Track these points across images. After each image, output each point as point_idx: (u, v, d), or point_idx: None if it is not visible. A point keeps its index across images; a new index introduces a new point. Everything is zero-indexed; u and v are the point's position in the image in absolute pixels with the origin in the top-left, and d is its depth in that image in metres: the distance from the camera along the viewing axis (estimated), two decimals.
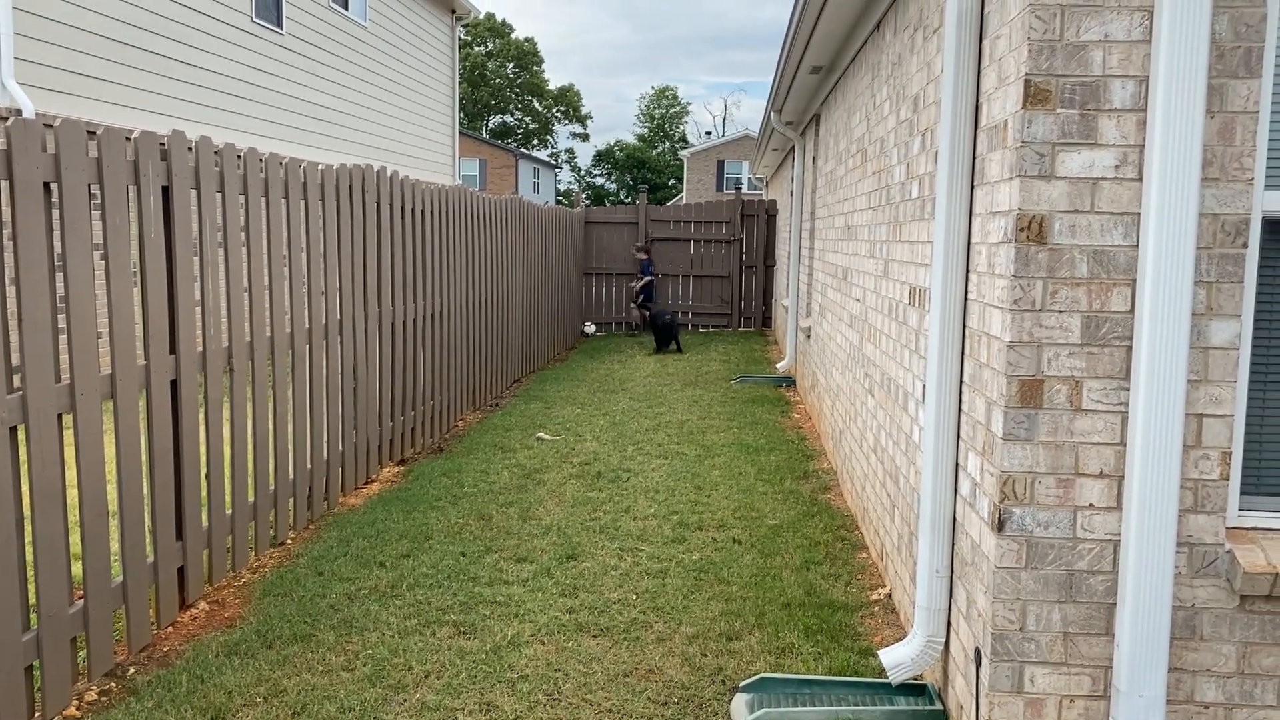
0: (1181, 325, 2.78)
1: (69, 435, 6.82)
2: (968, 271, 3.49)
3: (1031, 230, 2.93)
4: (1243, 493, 3.08)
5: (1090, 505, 3.00)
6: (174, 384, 4.54)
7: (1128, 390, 2.94)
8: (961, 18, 3.38)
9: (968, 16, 3.38)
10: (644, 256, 17.36)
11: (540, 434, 8.76)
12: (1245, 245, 2.89)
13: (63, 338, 3.78)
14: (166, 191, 4.47)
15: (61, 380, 3.77)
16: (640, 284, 17.27)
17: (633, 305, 17.44)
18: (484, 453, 7.98)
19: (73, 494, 5.59)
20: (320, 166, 6.08)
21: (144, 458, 4.39)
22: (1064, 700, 3.08)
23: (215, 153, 4.86)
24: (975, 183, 3.42)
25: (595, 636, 4.38)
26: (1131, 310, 2.92)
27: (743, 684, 3.85)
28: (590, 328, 16.71)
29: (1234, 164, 2.87)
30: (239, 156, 5.10)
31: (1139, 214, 2.88)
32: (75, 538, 4.96)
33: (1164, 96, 2.73)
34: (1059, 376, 2.97)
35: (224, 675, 3.96)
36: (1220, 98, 2.85)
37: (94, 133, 4.04)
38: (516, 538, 5.76)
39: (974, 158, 3.43)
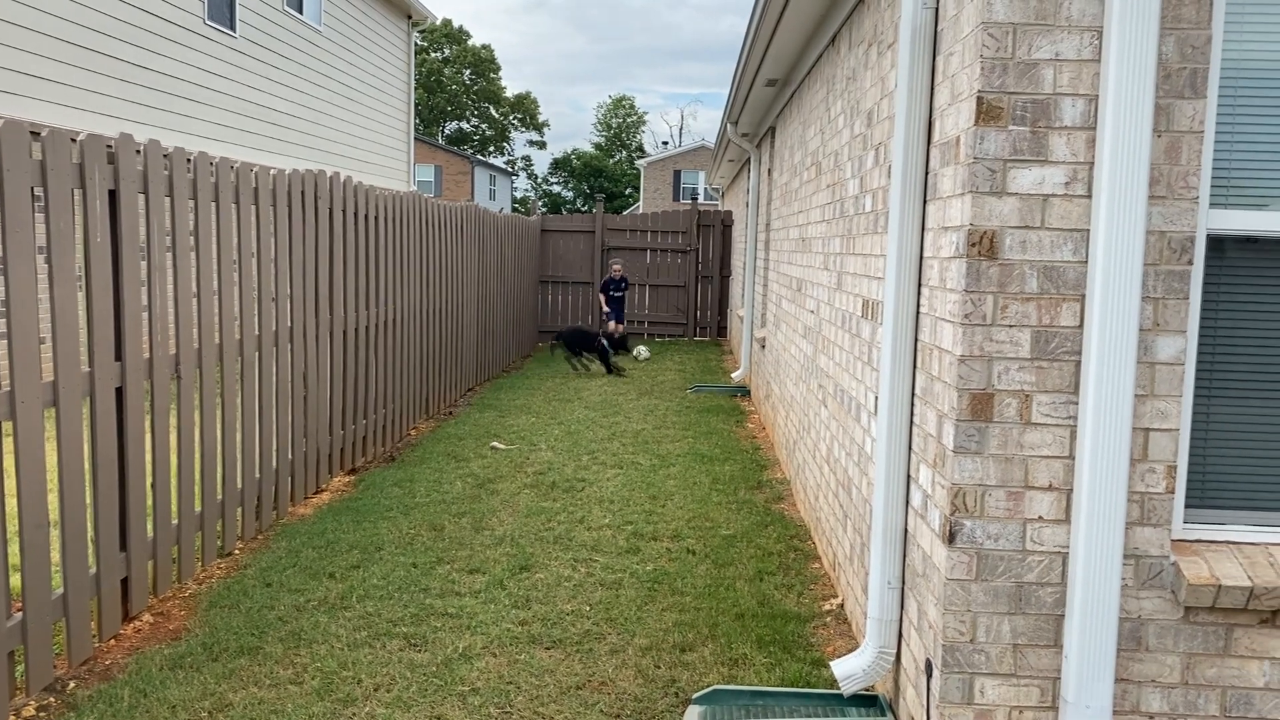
0: (1129, 340, 2.82)
1: (8, 444, 6.66)
2: (920, 285, 3.52)
3: (983, 245, 2.96)
4: (1187, 505, 3.13)
5: (1039, 518, 3.03)
6: (119, 391, 4.45)
7: (1076, 404, 2.98)
8: (915, 34, 3.42)
9: (922, 33, 3.41)
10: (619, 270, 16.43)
11: (494, 443, 8.71)
12: (1191, 262, 2.94)
13: (2, 344, 3.68)
14: (113, 195, 4.38)
15: (1, 387, 3.68)
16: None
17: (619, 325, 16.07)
18: (437, 462, 7.91)
19: (11, 504, 5.46)
20: (272, 171, 6.00)
21: (87, 467, 4.30)
22: (1013, 711, 3.11)
23: (164, 156, 4.78)
24: (928, 197, 3.45)
25: (548, 648, 4.35)
26: (1080, 325, 2.96)
27: (696, 696, 3.84)
28: (643, 351, 15.64)
29: (1180, 183, 2.92)
30: (189, 160, 5.02)
31: (1088, 230, 2.92)
32: (14, 548, 4.84)
33: (1113, 115, 2.78)
34: (1009, 390, 3.00)
35: (168, 689, 3.87)
36: (1167, 117, 2.90)
37: (38, 134, 3.95)
38: (469, 548, 5.71)
39: (927, 173, 3.47)
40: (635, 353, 15.30)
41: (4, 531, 3.65)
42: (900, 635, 3.68)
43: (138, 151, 4.54)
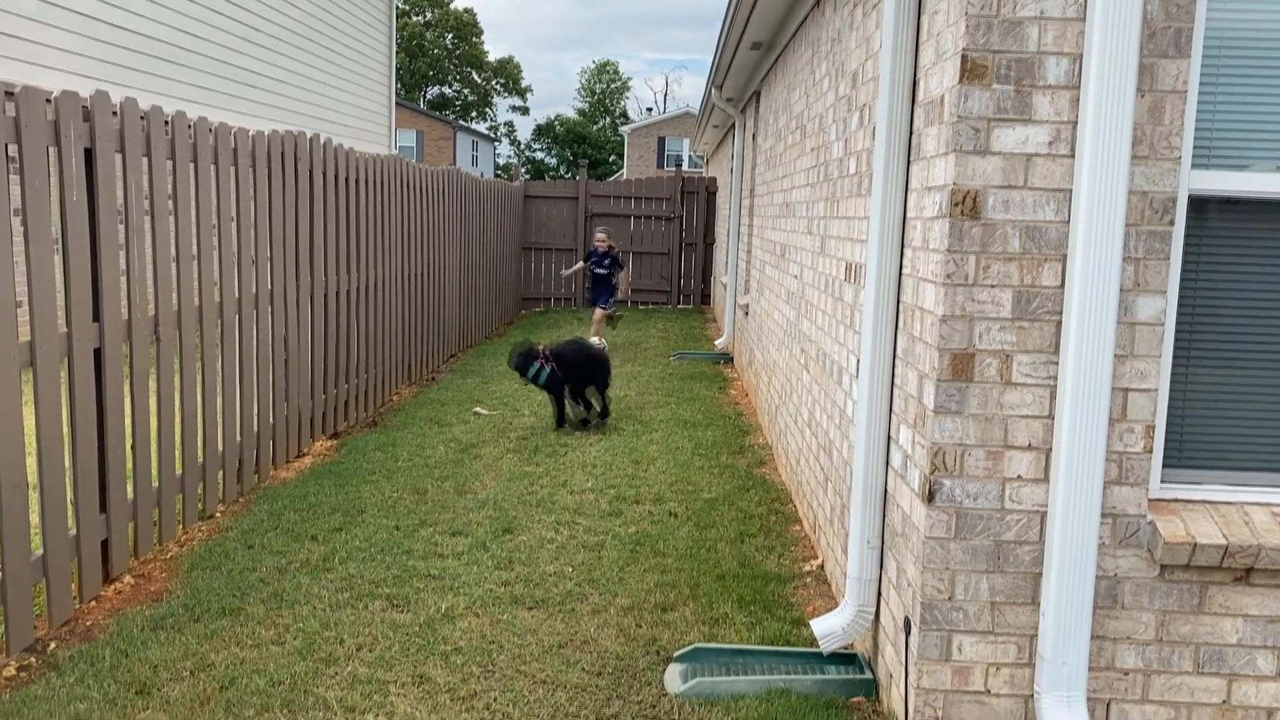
0: (1110, 301, 2.83)
1: None
2: (903, 247, 3.52)
3: (966, 205, 2.96)
4: (1165, 465, 3.15)
5: (1018, 477, 3.06)
6: (98, 353, 4.41)
7: (1056, 364, 2.99)
8: None
9: None
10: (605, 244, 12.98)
11: (477, 408, 8.70)
12: (1172, 223, 2.95)
13: None
14: (90, 154, 4.32)
15: None
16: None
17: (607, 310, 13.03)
18: (419, 427, 7.90)
19: None
20: (251, 132, 5.93)
21: (66, 429, 4.27)
22: (990, 668, 3.15)
23: (142, 116, 4.72)
24: (912, 158, 3.44)
25: (530, 609, 4.37)
26: (1062, 285, 2.97)
27: (677, 654, 3.87)
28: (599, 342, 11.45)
29: (1163, 143, 2.92)
30: (166, 121, 4.95)
31: (1071, 190, 2.92)
32: None
33: (1097, 74, 2.77)
34: (990, 350, 3.02)
35: (149, 649, 3.87)
36: (1151, 77, 2.89)
37: (11, 92, 3.89)
38: (452, 511, 5.72)
39: (911, 133, 3.46)
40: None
41: None
42: (879, 594, 3.72)
43: (114, 113, 4.47)
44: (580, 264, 13.02)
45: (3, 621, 3.82)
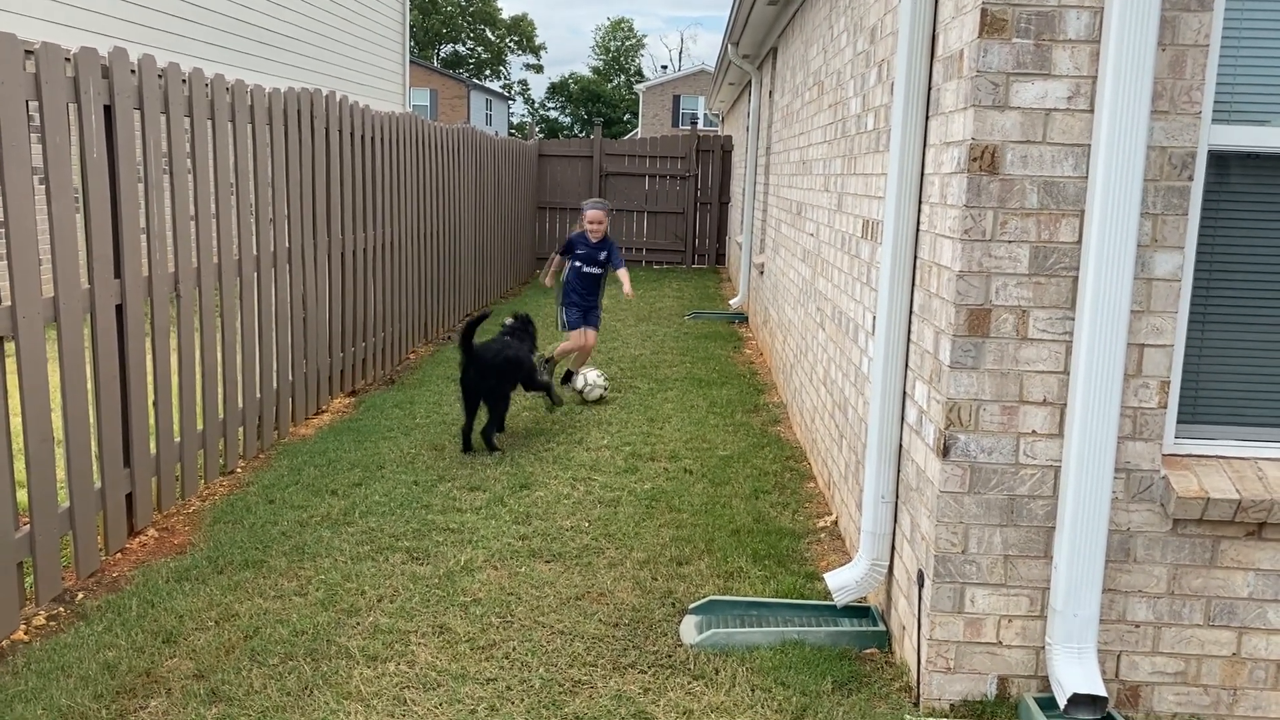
0: (1127, 256, 2.83)
1: (10, 362, 6.69)
2: (920, 203, 3.52)
3: (984, 160, 2.96)
4: (1179, 421, 3.17)
5: (1033, 432, 3.08)
6: (119, 309, 4.45)
7: (1073, 320, 3.00)
8: None
9: None
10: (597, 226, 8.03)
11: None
12: (1191, 178, 2.94)
13: (2, 263, 3.68)
14: (109, 111, 4.34)
15: (1, 303, 3.68)
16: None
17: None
18: (436, 385, 7.96)
19: (15, 421, 5.50)
20: (268, 90, 5.93)
21: (89, 384, 4.32)
22: (1003, 620, 3.19)
23: (159, 73, 4.72)
24: (930, 113, 3.43)
25: (548, 562, 4.43)
26: (1079, 241, 2.97)
27: (692, 606, 3.93)
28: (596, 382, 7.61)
29: (1183, 97, 2.90)
30: (184, 78, 4.96)
31: (1089, 145, 2.91)
32: (20, 464, 4.90)
33: (1117, 28, 2.75)
34: (1006, 306, 3.02)
35: (175, 600, 3.95)
36: (1172, 30, 2.87)
37: (31, 50, 3.90)
38: (470, 467, 5.78)
39: (929, 88, 3.44)
40: (583, 386, 7.57)
41: (9, 446, 3.68)
42: (893, 548, 3.75)
43: (133, 70, 4.48)
44: (556, 257, 8.31)
45: (31, 572, 3.90)
